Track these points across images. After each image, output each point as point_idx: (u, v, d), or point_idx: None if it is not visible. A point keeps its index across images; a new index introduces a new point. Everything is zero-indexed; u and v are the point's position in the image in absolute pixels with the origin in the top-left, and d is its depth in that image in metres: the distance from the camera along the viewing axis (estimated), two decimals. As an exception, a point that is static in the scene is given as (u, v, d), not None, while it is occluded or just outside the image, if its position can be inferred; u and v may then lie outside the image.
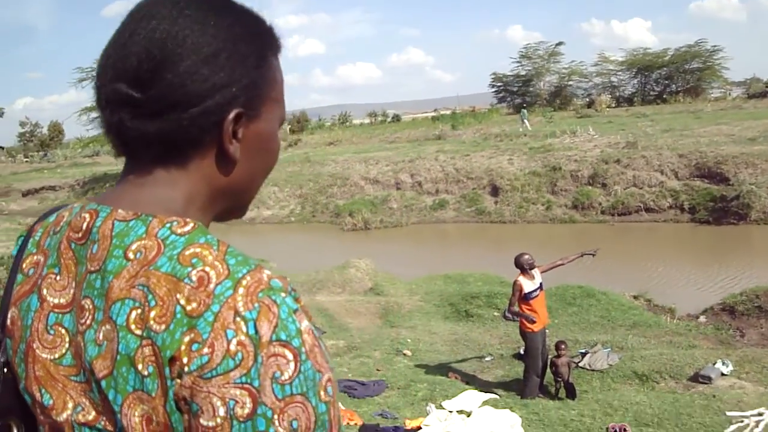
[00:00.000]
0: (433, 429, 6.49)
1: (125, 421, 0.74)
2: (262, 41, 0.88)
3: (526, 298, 7.86)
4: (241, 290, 0.74)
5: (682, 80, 52.35)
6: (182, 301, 0.73)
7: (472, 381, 8.82)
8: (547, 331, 8.41)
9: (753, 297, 11.34)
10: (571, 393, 7.90)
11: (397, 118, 63.38)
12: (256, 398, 0.71)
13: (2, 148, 64.81)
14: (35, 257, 0.88)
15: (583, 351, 9.14)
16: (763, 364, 8.12)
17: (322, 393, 0.75)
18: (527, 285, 7.87)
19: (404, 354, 9.86)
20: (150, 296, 0.74)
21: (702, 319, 11.57)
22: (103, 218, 0.82)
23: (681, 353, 8.81)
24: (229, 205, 0.92)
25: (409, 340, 10.45)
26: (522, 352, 8.66)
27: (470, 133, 37.51)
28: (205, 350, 0.71)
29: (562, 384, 8.02)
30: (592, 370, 8.61)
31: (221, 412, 0.70)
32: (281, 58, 0.92)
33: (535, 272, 8.00)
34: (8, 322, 0.87)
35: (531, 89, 58.22)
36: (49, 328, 0.82)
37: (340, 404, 7.18)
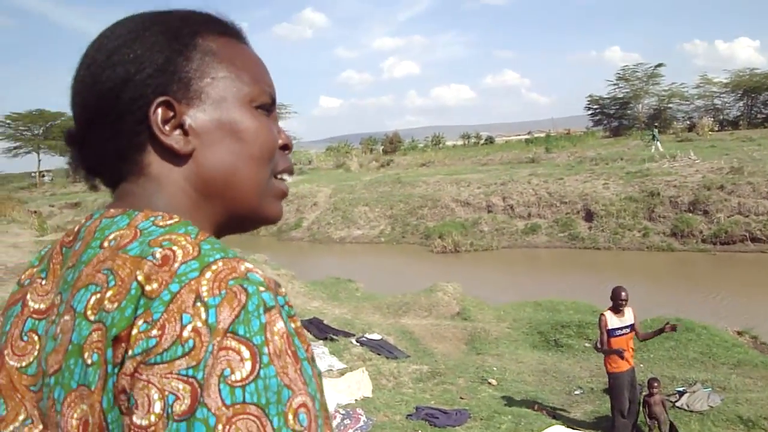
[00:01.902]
0: (517, 465, 6.21)
1: (63, 423, 0.66)
2: (178, 23, 0.81)
3: (609, 334, 7.42)
4: (208, 274, 0.64)
5: (793, 103, 49.92)
6: (140, 278, 0.65)
7: (559, 416, 8.48)
8: (641, 365, 7.96)
9: None
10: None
11: (490, 140, 63.06)
12: (197, 396, 0.59)
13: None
14: (34, 269, 0.83)
15: (681, 389, 8.62)
16: None
17: (290, 417, 0.62)
18: (612, 321, 7.37)
19: (489, 383, 9.59)
20: (111, 278, 0.67)
21: (815, 360, 10.76)
22: (93, 219, 0.77)
23: (791, 397, 8.17)
24: (222, 208, 0.81)
25: (494, 369, 10.17)
26: None
27: (564, 156, 36.83)
28: (154, 332, 0.62)
29: (658, 425, 7.56)
30: (691, 411, 8.09)
31: (157, 408, 0.59)
32: (242, 40, 0.87)
33: (628, 311, 7.51)
34: None
35: (629, 112, 56.89)
36: (23, 334, 0.76)
37: (420, 434, 7.05)
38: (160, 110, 0.76)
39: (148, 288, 0.64)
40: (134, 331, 0.62)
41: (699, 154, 28.69)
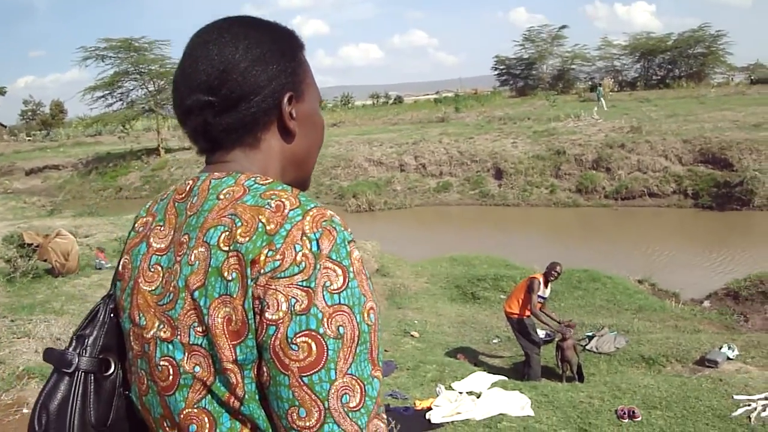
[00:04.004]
0: (444, 409, 6.55)
1: (210, 321, 0.93)
2: (291, 40, 1.14)
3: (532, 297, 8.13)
4: (308, 218, 0.93)
5: (685, 65, 52.25)
6: (263, 220, 0.93)
7: (480, 363, 8.92)
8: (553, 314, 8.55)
9: (757, 282, 11.42)
10: (580, 375, 8.00)
11: (399, 100, 63.19)
12: (312, 299, 0.88)
13: (4, 126, 64.66)
14: (145, 219, 1.14)
15: (590, 334, 9.24)
16: (768, 349, 8.22)
17: (365, 315, 0.92)
18: (542, 289, 8.21)
19: (412, 335, 9.95)
20: (237, 220, 0.95)
21: (706, 304, 11.67)
22: (202, 180, 1.06)
23: (687, 337, 8.91)
24: (295, 175, 1.14)
25: (416, 322, 10.54)
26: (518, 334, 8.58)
27: (474, 115, 37.50)
28: (278, 257, 0.90)
29: (570, 367, 8.11)
30: (599, 353, 8.71)
31: (284, 307, 0.89)
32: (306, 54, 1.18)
33: (550, 286, 8.38)
34: (120, 267, 1.14)
35: (534, 72, 58.08)
36: (150, 266, 1.06)
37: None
38: (287, 101, 1.08)
39: (269, 227, 0.93)
40: (262, 257, 0.91)
41: (601, 114, 29.86)
